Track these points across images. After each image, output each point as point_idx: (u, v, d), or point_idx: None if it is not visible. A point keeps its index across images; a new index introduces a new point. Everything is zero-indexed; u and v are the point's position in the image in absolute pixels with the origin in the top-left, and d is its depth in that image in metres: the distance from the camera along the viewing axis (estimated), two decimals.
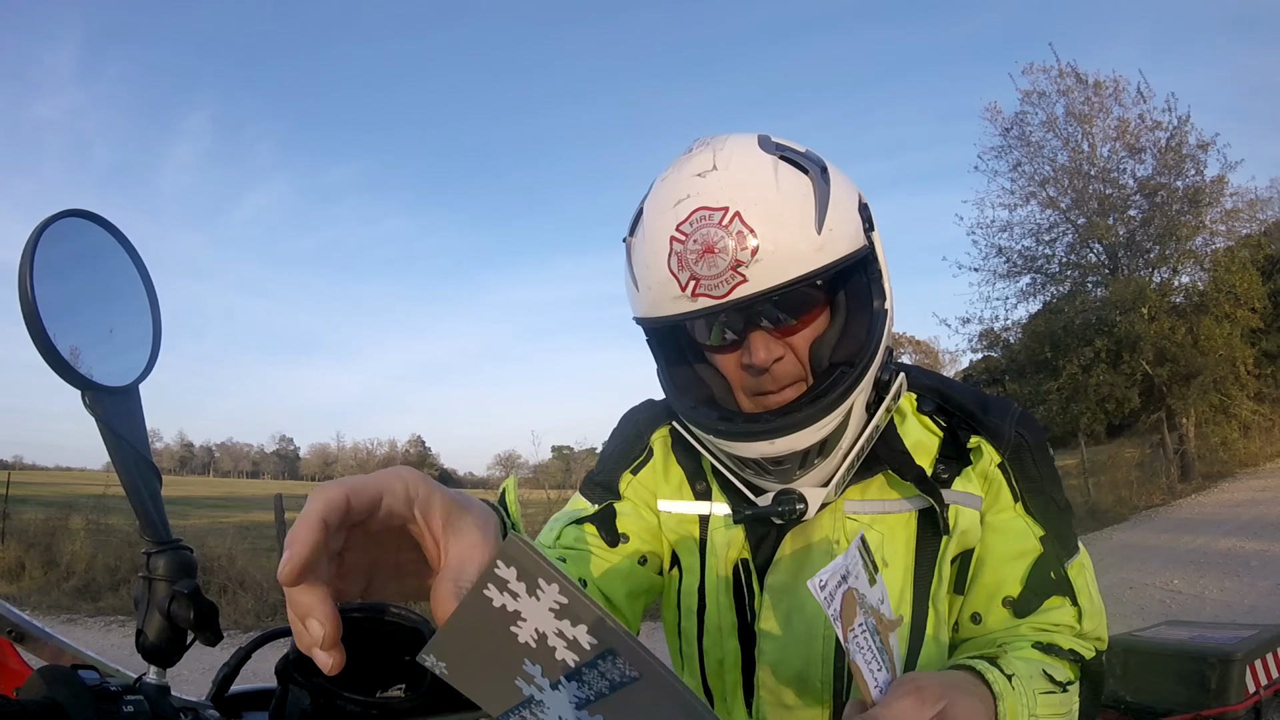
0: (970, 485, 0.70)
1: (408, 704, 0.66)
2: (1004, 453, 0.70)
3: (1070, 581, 0.70)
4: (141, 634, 0.49)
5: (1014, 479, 0.70)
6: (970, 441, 0.71)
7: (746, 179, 0.59)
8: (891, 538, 0.69)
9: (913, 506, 0.69)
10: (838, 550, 0.68)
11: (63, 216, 0.51)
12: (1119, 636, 1.37)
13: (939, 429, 0.72)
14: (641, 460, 0.80)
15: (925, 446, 0.71)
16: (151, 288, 0.59)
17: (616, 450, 0.81)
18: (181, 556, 0.51)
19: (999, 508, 0.70)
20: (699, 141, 0.66)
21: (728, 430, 0.65)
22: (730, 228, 0.57)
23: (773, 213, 0.58)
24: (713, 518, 0.75)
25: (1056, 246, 13.03)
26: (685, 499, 0.77)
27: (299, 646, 0.30)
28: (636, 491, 0.79)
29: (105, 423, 0.51)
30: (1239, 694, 1.23)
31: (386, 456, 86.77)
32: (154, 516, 0.51)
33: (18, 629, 0.52)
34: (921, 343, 50.11)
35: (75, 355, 0.49)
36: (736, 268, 0.57)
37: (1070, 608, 0.69)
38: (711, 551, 0.74)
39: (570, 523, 0.76)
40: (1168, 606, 4.84)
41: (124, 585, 6.73)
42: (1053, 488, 0.72)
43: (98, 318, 0.54)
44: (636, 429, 0.82)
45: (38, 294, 0.46)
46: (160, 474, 0.53)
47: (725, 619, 0.73)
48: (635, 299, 0.66)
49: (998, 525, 0.70)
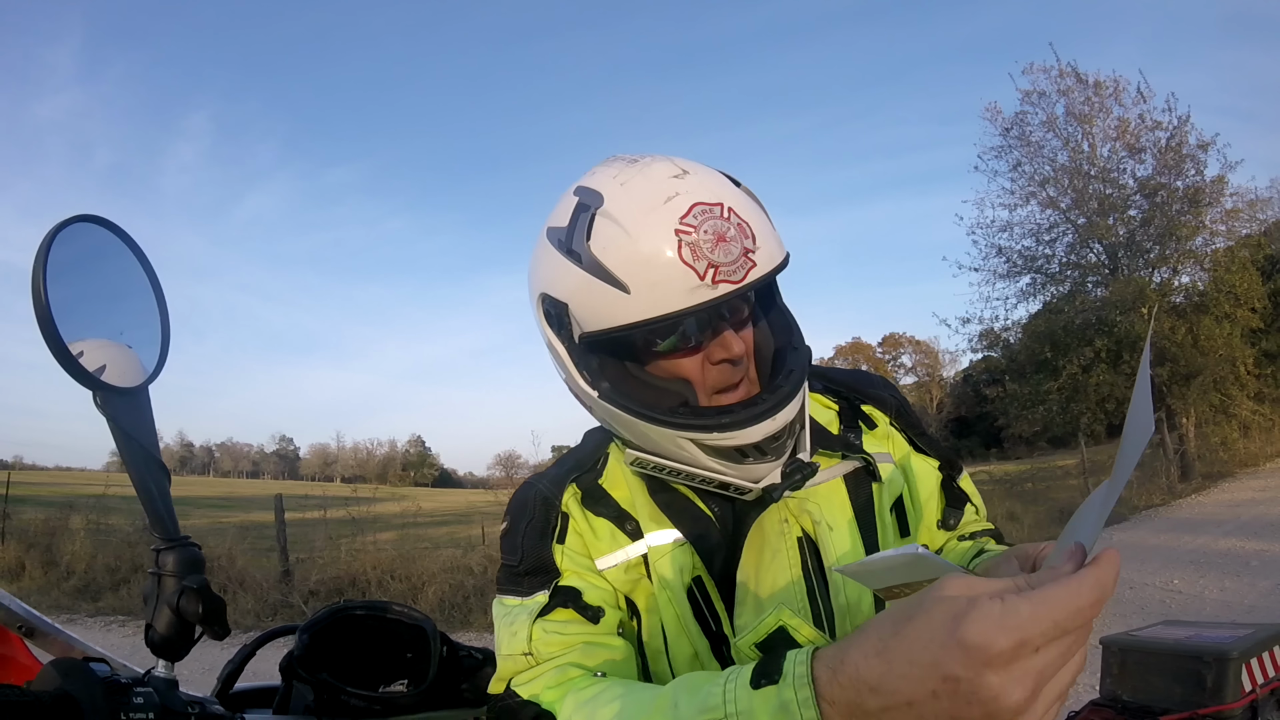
0: (877, 445, 0.81)
1: (410, 699, 0.67)
2: (890, 413, 0.84)
3: (965, 490, 0.86)
4: (150, 628, 0.50)
5: (904, 430, 0.84)
6: (864, 408, 0.83)
7: (716, 182, 0.66)
8: (829, 504, 0.75)
9: (837, 473, 0.76)
10: (788, 529, 0.73)
11: (74, 222, 0.52)
12: (1115, 636, 1.38)
13: (834, 404, 0.83)
14: (561, 527, 0.75)
15: (829, 420, 0.81)
16: (160, 291, 0.60)
17: (530, 531, 0.75)
18: (190, 553, 0.52)
19: (904, 455, 0.83)
20: (621, 158, 0.68)
21: (732, 420, 0.66)
22: (730, 219, 0.62)
23: (748, 210, 0.65)
24: (651, 550, 0.72)
25: (1056, 246, 13.07)
26: (621, 546, 0.73)
27: None
28: (573, 560, 0.74)
29: (116, 422, 0.52)
30: (1235, 693, 1.24)
31: (386, 456, 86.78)
32: (163, 514, 0.52)
33: (28, 624, 0.53)
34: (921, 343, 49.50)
35: (86, 357, 0.50)
36: (747, 254, 0.62)
37: (971, 508, 0.86)
38: (662, 585, 0.71)
39: (534, 619, 0.70)
40: (1168, 606, 4.84)
41: (124, 585, 6.75)
42: (927, 429, 0.88)
43: (108, 320, 0.55)
44: (543, 502, 0.76)
45: (51, 297, 0.47)
46: (169, 473, 0.54)
47: (699, 645, 0.71)
48: (618, 304, 0.63)
49: (909, 470, 0.83)
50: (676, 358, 0.68)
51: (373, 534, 7.36)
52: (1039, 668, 0.36)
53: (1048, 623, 0.36)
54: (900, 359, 49.84)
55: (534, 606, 0.71)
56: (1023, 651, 0.36)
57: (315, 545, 7.42)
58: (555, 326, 0.69)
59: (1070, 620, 0.37)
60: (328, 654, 0.69)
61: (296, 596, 6.15)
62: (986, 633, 0.36)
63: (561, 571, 0.73)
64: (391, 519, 9.14)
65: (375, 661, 0.72)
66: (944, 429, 43.23)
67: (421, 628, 0.73)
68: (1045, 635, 0.36)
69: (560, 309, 0.66)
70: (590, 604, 0.71)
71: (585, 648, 0.69)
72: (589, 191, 0.65)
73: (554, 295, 0.67)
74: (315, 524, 8.01)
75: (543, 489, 0.76)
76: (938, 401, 46.69)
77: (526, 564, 0.73)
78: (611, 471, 0.77)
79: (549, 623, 0.70)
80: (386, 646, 0.73)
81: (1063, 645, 0.37)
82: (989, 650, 0.36)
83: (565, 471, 0.77)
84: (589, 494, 0.75)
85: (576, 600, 0.71)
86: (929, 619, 0.39)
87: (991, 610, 0.37)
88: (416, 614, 0.75)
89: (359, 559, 6.71)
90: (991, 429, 17.42)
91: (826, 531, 0.73)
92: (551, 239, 0.67)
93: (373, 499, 8.95)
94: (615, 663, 0.70)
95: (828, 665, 0.44)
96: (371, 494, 10.05)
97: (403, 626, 0.74)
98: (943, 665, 0.37)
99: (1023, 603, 0.36)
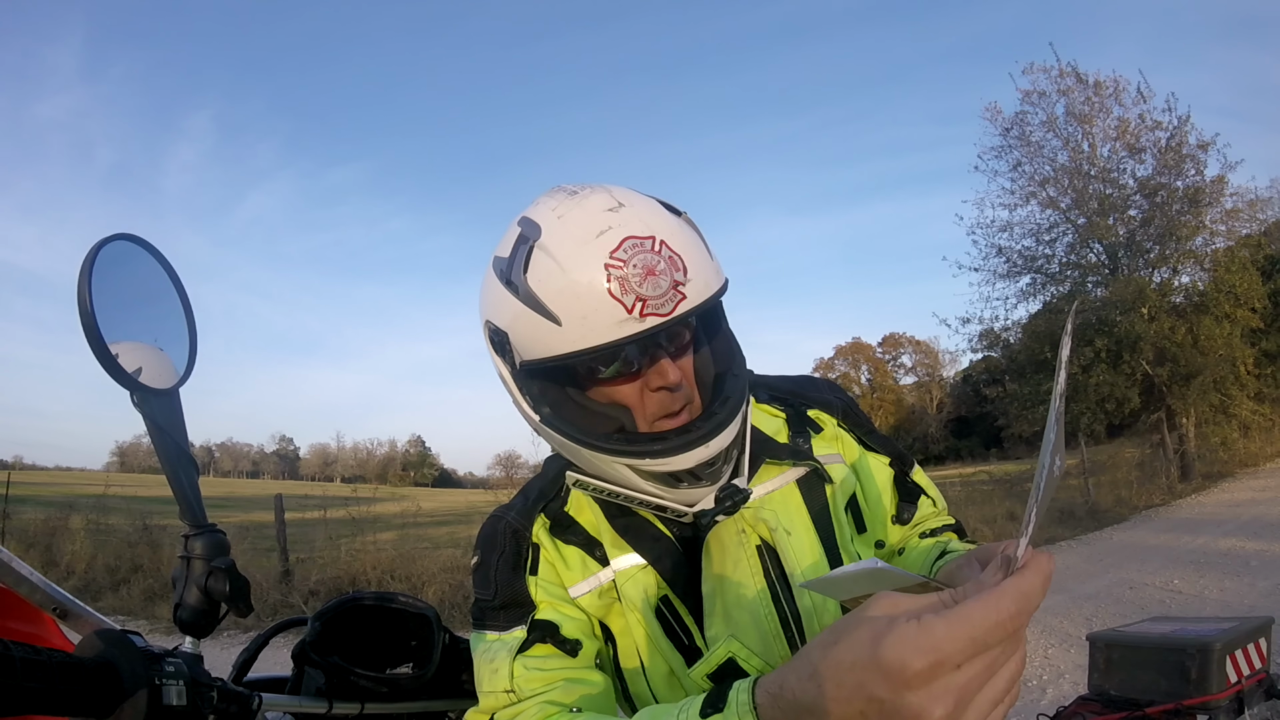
0: (826, 447, 0.85)
1: (414, 682, 0.70)
2: (836, 415, 0.87)
3: (919, 484, 0.90)
4: (179, 607, 0.54)
5: (852, 430, 0.88)
6: (810, 413, 0.86)
7: (651, 214, 0.66)
8: (785, 509, 0.77)
9: (789, 478, 0.79)
10: (746, 539, 0.75)
11: (113, 240, 0.57)
12: (1102, 632, 1.40)
13: (780, 412, 0.86)
14: (533, 559, 0.76)
15: (777, 429, 0.84)
16: (187, 302, 0.65)
17: (503, 564, 0.76)
18: (217, 538, 0.56)
19: (854, 455, 0.87)
20: (564, 189, 0.69)
21: (665, 447, 0.67)
22: (661, 253, 0.63)
23: (683, 241, 0.65)
24: (618, 574, 0.74)
25: (1056, 246, 13.08)
26: (593, 572, 0.75)
27: None
28: (547, 591, 0.75)
29: (151, 419, 0.56)
30: (1220, 684, 1.26)
31: (386, 456, 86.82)
32: (193, 503, 0.56)
33: (61, 606, 0.57)
34: (921, 343, 49.42)
35: (124, 359, 0.55)
36: (676, 286, 0.63)
37: (926, 500, 0.90)
38: (631, 607, 0.73)
39: (515, 656, 0.71)
40: (1168, 606, 4.83)
41: (124, 585, 6.76)
42: (874, 426, 0.91)
43: (144, 329, 0.59)
44: (513, 535, 0.76)
45: (96, 307, 0.51)
46: (198, 466, 0.59)
47: (674, 661, 0.73)
48: (552, 335, 0.64)
49: (861, 469, 0.86)
50: (616, 384, 0.69)
51: (373, 534, 7.38)
52: (960, 684, 0.37)
53: (964, 640, 0.37)
54: (900, 359, 49.81)
55: (513, 643, 0.71)
56: (940, 670, 0.37)
57: (315, 545, 7.44)
58: (499, 353, 0.70)
59: (990, 635, 0.37)
60: (338, 640, 0.73)
61: (296, 596, 6.17)
62: (903, 654, 0.37)
63: (537, 604, 0.73)
64: (391, 519, 9.16)
65: (382, 647, 0.76)
66: (944, 429, 43.06)
67: (426, 616, 0.76)
68: (963, 653, 0.37)
69: (502, 336, 0.68)
70: (568, 637, 0.72)
71: (565, 684, 0.70)
72: (530, 223, 0.67)
73: (496, 323, 0.68)
74: (315, 524, 8.03)
75: (511, 520, 0.77)
76: (938, 401, 46.63)
77: (501, 598, 0.74)
78: (576, 498, 0.78)
79: (529, 659, 0.70)
80: (393, 634, 0.76)
81: (986, 660, 0.37)
82: (906, 671, 0.37)
83: (532, 502, 0.78)
84: (557, 522, 0.76)
85: (555, 634, 0.72)
86: (851, 642, 0.40)
87: (908, 632, 0.37)
88: (421, 604, 0.78)
89: (359, 559, 6.73)
90: (991, 429, 17.42)
91: (785, 537, 0.75)
92: (495, 268, 0.69)
93: (373, 499, 8.98)
94: (593, 697, 0.71)
95: (768, 691, 0.46)
96: (371, 494, 10.09)
97: (408, 615, 0.77)
98: (866, 686, 0.38)
99: (939, 622, 0.37)
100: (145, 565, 6.88)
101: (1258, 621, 1.38)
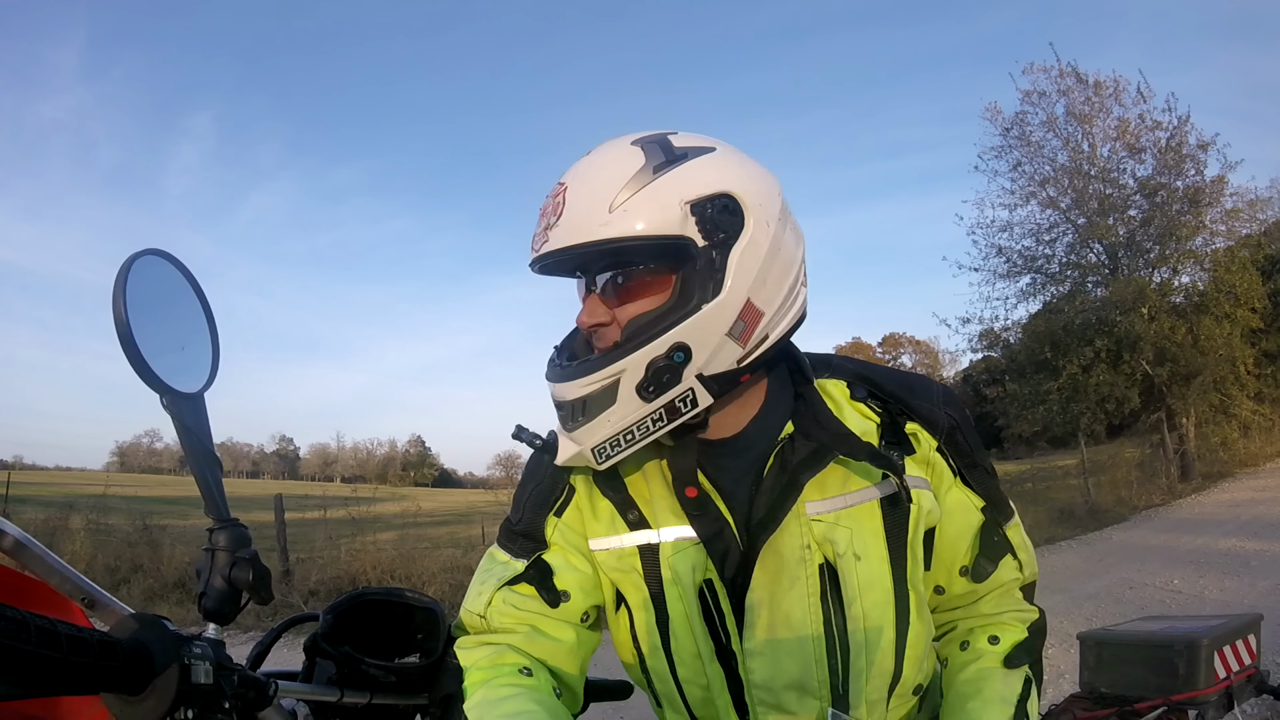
0: (915, 470, 0.75)
1: (420, 670, 0.73)
2: (940, 437, 0.76)
3: (1010, 540, 0.79)
4: (203, 596, 0.59)
5: (951, 458, 0.77)
6: (908, 428, 0.75)
7: (591, 163, 0.69)
8: (860, 530, 0.70)
9: (874, 495, 0.71)
10: (809, 557, 0.69)
11: (144, 254, 0.62)
12: (1092, 631, 1.43)
13: (875, 413, 0.76)
14: (563, 500, 0.76)
15: (867, 432, 0.74)
16: (210, 312, 0.70)
17: (534, 493, 0.77)
18: (239, 531, 0.60)
19: (944, 488, 0.77)
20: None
21: (548, 370, 0.72)
22: (556, 199, 0.68)
23: (584, 190, 0.67)
24: (663, 545, 0.71)
25: (1056, 246, 13.08)
26: (620, 532, 0.73)
27: None
28: (564, 535, 0.75)
29: (180, 421, 0.62)
30: (1208, 679, 1.28)
31: (386, 456, 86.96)
32: (217, 498, 0.61)
33: (89, 596, 0.61)
34: (921, 343, 49.45)
35: (156, 367, 0.60)
36: (546, 229, 0.67)
37: (1013, 561, 0.79)
38: (674, 580, 0.71)
39: (501, 585, 0.74)
40: (1168, 606, 4.83)
41: (124, 585, 6.76)
42: (982, 458, 0.78)
43: (172, 337, 0.64)
44: (552, 471, 0.76)
45: (130, 316, 0.57)
46: (221, 464, 0.64)
47: (704, 646, 0.70)
48: None
49: (945, 504, 0.77)
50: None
51: (373, 534, 7.40)
52: None
53: None
54: (900, 359, 49.81)
55: (509, 573, 0.75)
56: None
57: (315, 545, 7.47)
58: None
59: None
60: (348, 632, 0.76)
61: (297, 596, 6.20)
62: None
63: (549, 544, 0.75)
64: (391, 519, 9.21)
65: (391, 639, 0.79)
66: None
67: (432, 610, 0.79)
68: None
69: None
70: (558, 586, 0.73)
71: (530, 632, 0.72)
72: None
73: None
74: (315, 524, 8.07)
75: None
76: None
77: (523, 526, 0.76)
78: (639, 456, 0.71)
79: (511, 593, 0.73)
80: (401, 627, 0.79)
81: None
82: None
83: None
84: (603, 472, 0.72)
85: (545, 579, 0.74)
86: None
87: None
88: (428, 599, 0.81)
89: (359, 559, 6.75)
90: (991, 429, 17.40)
91: (852, 562, 0.69)
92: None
93: (373, 499, 9.03)
94: (556, 653, 0.73)
95: None
96: (371, 494, 10.14)
97: (416, 609, 0.80)
98: None
99: None
100: (145, 565, 6.90)
101: (1246, 618, 1.40)
